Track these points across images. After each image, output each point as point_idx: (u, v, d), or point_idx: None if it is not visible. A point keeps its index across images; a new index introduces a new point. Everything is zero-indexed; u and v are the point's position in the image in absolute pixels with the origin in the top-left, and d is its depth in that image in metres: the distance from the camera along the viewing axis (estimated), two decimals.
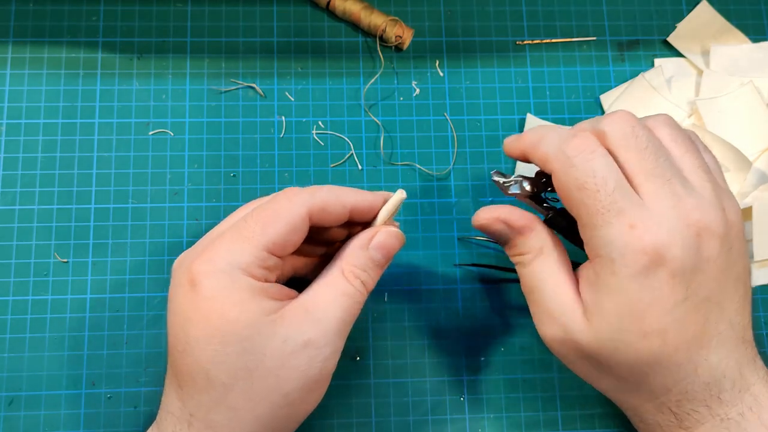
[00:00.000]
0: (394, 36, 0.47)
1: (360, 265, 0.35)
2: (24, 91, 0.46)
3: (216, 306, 0.32)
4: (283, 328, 0.33)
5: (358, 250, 0.35)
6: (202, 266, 0.33)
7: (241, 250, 0.33)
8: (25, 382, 0.42)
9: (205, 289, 0.32)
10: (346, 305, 0.34)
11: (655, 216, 0.32)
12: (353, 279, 0.35)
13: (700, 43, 0.49)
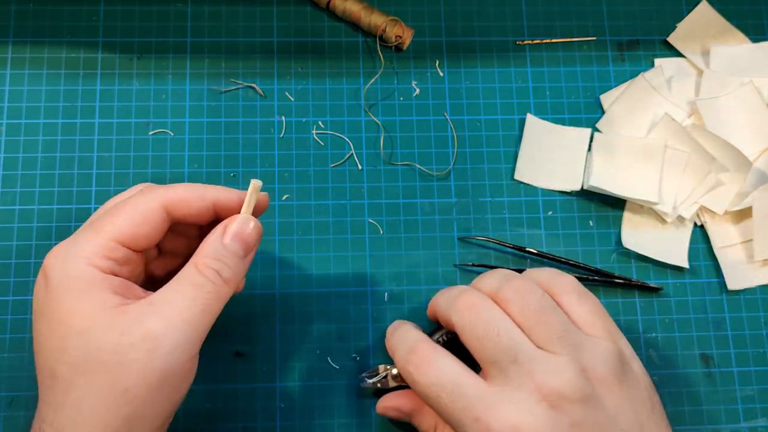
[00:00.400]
0: (394, 36, 0.47)
1: (213, 254, 0.33)
2: (24, 91, 0.46)
3: (59, 298, 0.31)
4: (121, 320, 0.31)
5: (212, 242, 0.34)
6: (51, 259, 0.33)
7: (86, 240, 0.33)
8: (25, 382, 0.42)
9: (51, 281, 0.32)
10: (195, 295, 0.32)
11: (503, 399, 0.33)
12: (205, 269, 0.33)
13: (700, 43, 0.49)
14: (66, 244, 0.33)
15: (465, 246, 0.45)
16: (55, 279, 0.32)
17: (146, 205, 0.34)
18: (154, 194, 0.34)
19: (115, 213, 0.34)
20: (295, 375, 0.43)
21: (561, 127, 0.48)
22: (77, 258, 0.32)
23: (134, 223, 0.33)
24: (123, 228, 0.33)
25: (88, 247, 0.32)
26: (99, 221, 0.34)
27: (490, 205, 0.46)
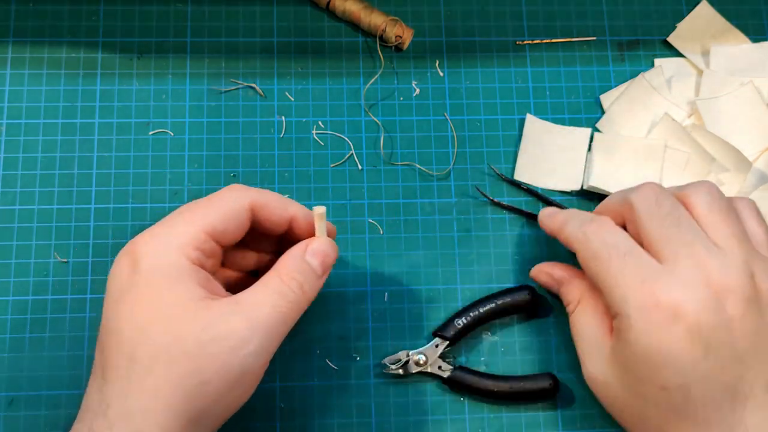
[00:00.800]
0: (394, 36, 0.47)
1: (296, 268, 0.35)
2: (24, 91, 0.46)
3: (149, 283, 0.32)
4: (207, 314, 0.32)
5: (295, 257, 0.35)
6: (142, 245, 0.33)
7: (179, 231, 0.33)
8: (25, 382, 0.42)
9: (141, 267, 0.32)
10: (277, 303, 0.33)
11: (672, 276, 0.34)
12: (288, 280, 0.34)
13: (700, 43, 0.49)
14: (157, 232, 0.34)
15: (465, 246, 0.45)
16: (145, 265, 0.32)
17: (237, 202, 0.35)
18: (245, 193, 0.35)
19: (207, 206, 0.35)
20: (295, 375, 0.43)
21: (561, 127, 0.48)
22: (170, 247, 0.33)
23: (225, 218, 0.34)
24: (214, 221, 0.34)
25: (180, 237, 0.33)
26: (191, 213, 0.34)
27: (490, 205, 0.46)
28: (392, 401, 0.43)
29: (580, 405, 0.43)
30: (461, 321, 0.42)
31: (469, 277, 0.45)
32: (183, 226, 0.34)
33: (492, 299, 0.43)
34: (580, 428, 0.43)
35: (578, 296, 0.40)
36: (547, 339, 0.44)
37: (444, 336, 0.42)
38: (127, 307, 0.32)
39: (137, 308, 0.32)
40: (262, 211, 0.36)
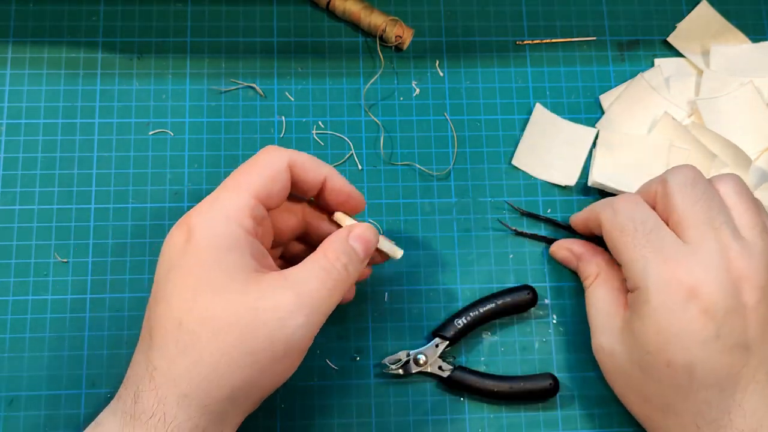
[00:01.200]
0: (394, 36, 0.47)
1: (341, 250, 0.36)
2: (24, 91, 0.46)
3: (201, 253, 0.33)
4: (257, 285, 0.32)
5: (340, 240, 0.36)
6: (195, 217, 0.34)
7: (230, 198, 0.34)
8: (25, 382, 0.42)
9: (195, 236, 0.33)
10: (324, 279, 0.34)
11: (694, 256, 0.35)
12: (335, 260, 0.35)
13: (700, 43, 0.49)
14: (210, 201, 0.34)
15: (466, 245, 0.45)
16: (198, 235, 0.33)
17: (277, 162, 0.35)
18: (283, 153, 0.36)
19: (250, 171, 0.35)
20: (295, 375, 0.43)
21: (568, 122, 0.48)
22: (222, 216, 0.33)
23: (270, 180, 0.35)
24: (258, 184, 0.34)
25: (233, 205, 0.34)
26: (234, 180, 0.35)
27: (490, 205, 0.46)
28: (392, 401, 0.43)
29: (580, 405, 0.43)
30: (461, 321, 0.42)
31: (469, 277, 0.45)
32: (233, 194, 0.34)
33: (492, 299, 0.43)
34: (580, 428, 0.43)
35: (596, 271, 0.42)
36: (547, 339, 0.44)
37: (444, 336, 0.42)
38: (178, 276, 0.33)
39: (189, 277, 0.32)
40: (298, 170, 0.36)
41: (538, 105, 0.48)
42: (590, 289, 0.42)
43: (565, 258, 0.44)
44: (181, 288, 0.32)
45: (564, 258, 0.44)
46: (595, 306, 0.41)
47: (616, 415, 0.43)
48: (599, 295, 0.41)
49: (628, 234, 0.37)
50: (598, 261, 0.42)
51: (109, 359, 0.42)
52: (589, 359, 0.44)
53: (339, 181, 0.38)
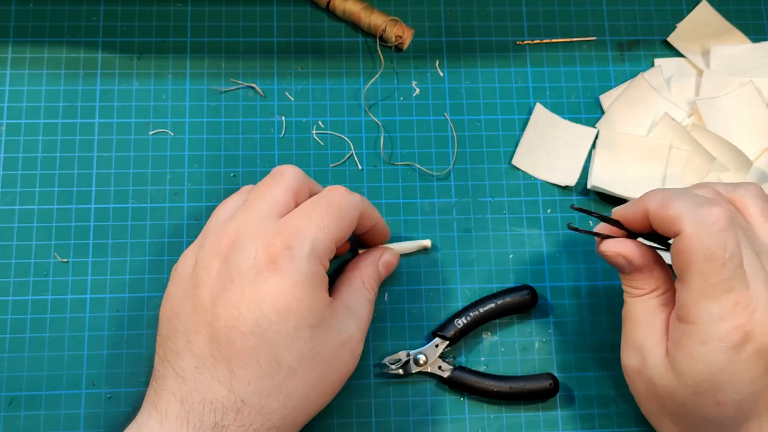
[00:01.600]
0: (394, 36, 0.47)
1: (372, 277, 0.40)
2: (24, 91, 0.46)
3: (296, 290, 0.33)
4: (336, 321, 0.36)
5: (372, 266, 0.41)
6: (284, 250, 0.34)
7: (318, 239, 0.35)
8: (25, 382, 0.42)
9: (286, 271, 0.33)
10: (369, 310, 0.39)
11: (756, 296, 0.32)
12: (369, 287, 0.40)
13: (700, 43, 0.49)
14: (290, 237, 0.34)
15: (466, 245, 0.45)
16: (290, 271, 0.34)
17: (354, 213, 0.37)
18: (357, 202, 0.38)
19: (335, 216, 0.36)
20: None
21: (568, 122, 0.48)
22: (315, 258, 0.35)
23: (347, 229, 0.37)
24: (341, 232, 0.36)
25: (321, 248, 0.35)
26: (321, 220, 0.36)
27: (490, 205, 0.46)
28: (392, 401, 0.43)
29: (580, 405, 0.43)
30: (461, 321, 0.42)
31: (469, 277, 0.45)
32: (321, 235, 0.35)
33: (492, 299, 0.43)
34: (580, 428, 0.43)
35: (653, 286, 0.37)
36: (547, 339, 0.44)
37: (444, 336, 0.42)
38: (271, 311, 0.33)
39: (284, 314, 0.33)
40: (363, 218, 0.38)
41: (538, 105, 0.48)
42: (638, 301, 0.37)
43: (619, 265, 0.37)
44: (278, 323, 0.33)
45: (618, 264, 0.37)
46: (639, 324, 0.37)
47: (616, 415, 0.43)
48: (647, 312, 0.36)
49: (714, 266, 0.32)
50: (657, 276, 0.37)
51: (109, 359, 0.42)
52: (589, 359, 0.44)
53: (381, 224, 0.41)
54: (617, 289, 0.45)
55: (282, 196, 0.37)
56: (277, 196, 0.37)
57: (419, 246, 0.45)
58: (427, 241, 0.45)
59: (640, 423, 0.43)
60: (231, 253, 0.34)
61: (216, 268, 0.35)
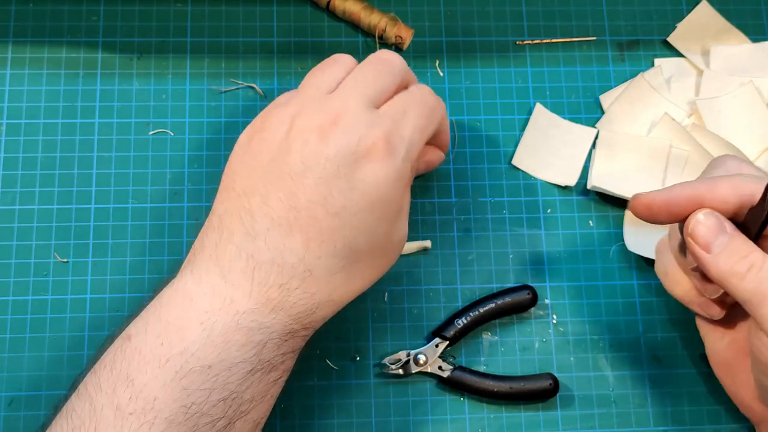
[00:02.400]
0: (394, 36, 0.47)
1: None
2: (24, 91, 0.46)
3: (387, 184, 0.34)
4: (404, 222, 0.37)
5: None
6: (383, 144, 0.34)
7: (413, 141, 0.36)
8: (25, 382, 0.42)
9: (381, 164, 0.34)
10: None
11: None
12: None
13: (700, 43, 0.49)
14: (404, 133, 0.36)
15: (466, 245, 0.45)
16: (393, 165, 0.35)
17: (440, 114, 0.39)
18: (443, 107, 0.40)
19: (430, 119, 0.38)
20: (295, 375, 0.43)
21: (568, 122, 0.48)
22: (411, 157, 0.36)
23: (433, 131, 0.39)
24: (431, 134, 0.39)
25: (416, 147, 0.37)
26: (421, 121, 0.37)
27: (490, 205, 0.46)
28: (392, 401, 0.43)
29: (580, 405, 0.43)
30: (461, 321, 0.42)
31: (469, 277, 0.45)
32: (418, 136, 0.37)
33: (492, 299, 0.43)
34: (580, 428, 0.43)
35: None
36: (547, 339, 0.44)
37: (444, 336, 0.42)
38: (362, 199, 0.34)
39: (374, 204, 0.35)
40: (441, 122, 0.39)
41: (538, 105, 0.48)
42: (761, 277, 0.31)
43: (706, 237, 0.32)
44: (366, 213, 0.34)
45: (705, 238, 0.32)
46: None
47: (616, 415, 0.43)
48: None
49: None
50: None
51: None
52: (589, 359, 0.44)
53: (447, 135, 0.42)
54: (617, 289, 0.45)
55: (390, 87, 0.37)
56: (385, 86, 0.37)
57: (419, 246, 0.44)
58: (427, 242, 0.45)
59: (640, 423, 0.43)
60: (332, 132, 0.34)
61: (314, 142, 0.34)
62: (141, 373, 0.31)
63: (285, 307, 0.34)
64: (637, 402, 0.43)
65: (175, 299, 0.34)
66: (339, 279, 0.35)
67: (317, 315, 0.35)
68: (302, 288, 0.34)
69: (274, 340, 0.33)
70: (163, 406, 0.31)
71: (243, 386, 0.32)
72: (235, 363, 0.32)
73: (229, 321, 0.32)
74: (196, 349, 0.32)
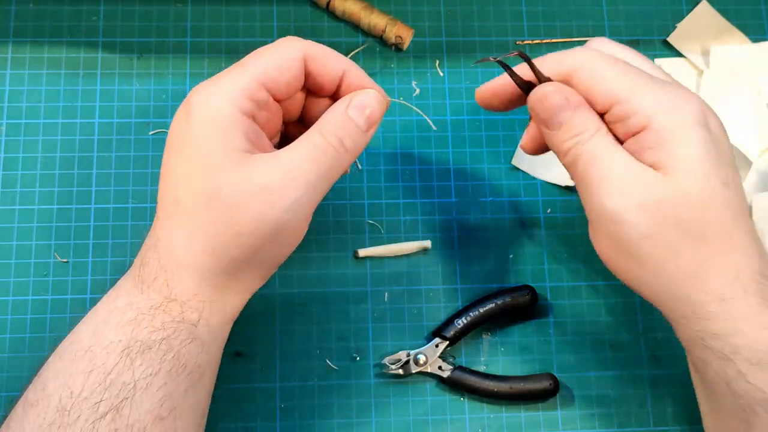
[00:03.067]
0: (394, 36, 0.47)
1: (337, 124, 0.34)
2: (24, 91, 0.46)
3: (195, 131, 0.33)
4: (247, 167, 0.32)
5: (337, 112, 0.35)
6: (196, 95, 0.33)
7: (230, 79, 0.33)
8: (25, 382, 0.41)
9: (193, 114, 0.33)
10: (316, 156, 0.33)
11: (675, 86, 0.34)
12: (329, 135, 0.34)
13: (700, 43, 0.49)
14: (211, 81, 0.34)
15: (465, 245, 0.45)
16: (196, 112, 0.33)
17: (290, 51, 0.34)
18: (299, 44, 0.35)
19: (259, 55, 0.34)
20: (295, 375, 0.43)
21: None
22: (221, 94, 0.33)
23: (277, 67, 0.34)
24: (266, 70, 0.34)
25: (232, 85, 0.33)
26: (242, 62, 0.34)
27: (490, 205, 0.46)
28: (392, 401, 0.43)
29: (580, 405, 0.43)
30: (461, 321, 0.42)
31: (469, 277, 0.45)
32: (236, 75, 0.33)
33: (492, 299, 0.43)
34: (580, 428, 0.43)
35: (597, 125, 0.34)
36: (547, 339, 0.44)
37: (444, 336, 0.42)
38: (176, 153, 0.34)
39: (184, 155, 0.33)
40: (314, 62, 0.35)
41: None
42: (593, 143, 0.34)
43: (555, 104, 0.35)
44: (177, 164, 0.33)
45: (554, 104, 0.35)
46: (609, 160, 0.33)
47: (616, 415, 0.43)
48: (611, 148, 0.33)
49: (622, 65, 0.34)
50: (594, 113, 0.34)
51: None
52: (589, 359, 0.44)
53: (358, 74, 0.36)
54: (617, 289, 0.45)
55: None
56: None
57: (419, 246, 0.44)
58: (427, 242, 0.45)
59: (640, 423, 0.43)
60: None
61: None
62: (46, 367, 0.34)
63: (144, 280, 0.34)
64: (637, 402, 0.43)
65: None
66: (177, 237, 0.33)
67: (174, 282, 0.33)
68: (153, 256, 0.34)
69: (141, 316, 0.33)
70: (53, 393, 0.32)
71: (120, 367, 0.32)
72: (110, 343, 0.33)
73: (109, 305, 0.34)
74: (83, 336, 0.34)
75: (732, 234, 0.33)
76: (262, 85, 0.34)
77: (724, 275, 0.33)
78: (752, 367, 0.32)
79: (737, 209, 0.33)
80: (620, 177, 0.33)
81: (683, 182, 0.32)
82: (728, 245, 0.33)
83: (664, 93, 0.33)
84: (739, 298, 0.32)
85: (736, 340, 0.32)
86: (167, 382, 0.32)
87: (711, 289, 0.33)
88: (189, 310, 0.34)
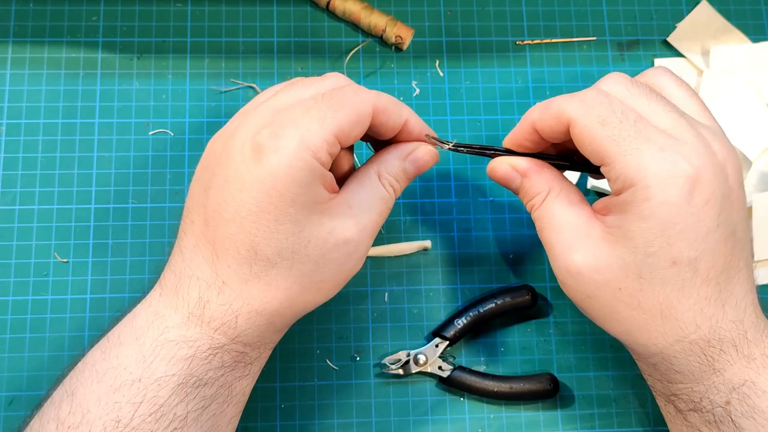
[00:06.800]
0: (394, 36, 0.47)
1: (394, 173, 0.36)
2: (24, 91, 0.46)
3: (278, 182, 0.32)
4: (329, 219, 0.34)
5: (395, 160, 0.37)
6: (271, 140, 0.32)
7: (311, 131, 0.32)
8: (25, 382, 0.42)
9: (270, 162, 0.32)
10: (381, 209, 0.36)
11: (687, 145, 0.32)
12: (388, 186, 0.36)
13: (700, 43, 0.50)
14: (280, 127, 0.33)
15: (466, 245, 0.45)
16: (276, 162, 0.32)
17: (364, 107, 0.34)
18: (369, 95, 0.35)
19: (338, 108, 0.34)
20: (295, 375, 0.43)
21: None
22: (306, 150, 0.32)
23: (354, 121, 0.34)
24: (344, 124, 0.33)
25: (314, 139, 0.32)
26: (319, 111, 0.33)
27: (490, 205, 0.46)
28: (392, 401, 0.43)
29: (580, 405, 0.43)
30: (461, 321, 0.42)
31: (469, 277, 0.45)
32: (316, 126, 0.33)
33: (492, 299, 0.43)
34: (580, 428, 0.43)
35: (547, 187, 0.36)
36: (547, 339, 0.44)
37: (444, 336, 0.42)
38: (253, 201, 0.32)
39: (268, 206, 0.32)
40: (380, 115, 0.35)
41: None
42: (544, 207, 0.36)
43: (506, 175, 0.37)
44: (258, 214, 0.32)
45: (505, 175, 0.37)
46: (557, 222, 0.35)
47: (616, 415, 0.43)
48: (559, 211, 0.36)
49: (613, 126, 0.33)
50: (546, 176, 0.37)
51: None
52: (589, 359, 0.44)
53: (417, 124, 0.37)
54: None
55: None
56: (301, 95, 0.35)
57: (419, 246, 0.45)
58: (427, 242, 0.45)
59: (640, 423, 0.43)
60: (230, 138, 0.34)
61: (218, 152, 0.34)
62: (82, 386, 0.33)
63: (206, 320, 0.33)
64: (637, 402, 0.43)
65: (126, 317, 0.35)
66: (254, 287, 0.33)
67: (243, 327, 0.34)
68: (219, 300, 0.33)
69: (201, 354, 0.33)
70: (95, 420, 0.31)
71: (173, 401, 0.32)
72: (163, 376, 0.32)
73: (158, 336, 0.33)
74: (129, 363, 0.33)
75: (673, 307, 0.33)
76: (337, 138, 0.33)
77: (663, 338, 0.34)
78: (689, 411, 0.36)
79: (685, 285, 0.33)
80: (567, 241, 0.35)
81: (625, 255, 0.33)
82: (668, 314, 0.33)
83: (651, 160, 0.32)
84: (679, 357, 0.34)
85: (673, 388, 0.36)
86: (216, 413, 0.34)
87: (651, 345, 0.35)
88: (250, 350, 0.35)
